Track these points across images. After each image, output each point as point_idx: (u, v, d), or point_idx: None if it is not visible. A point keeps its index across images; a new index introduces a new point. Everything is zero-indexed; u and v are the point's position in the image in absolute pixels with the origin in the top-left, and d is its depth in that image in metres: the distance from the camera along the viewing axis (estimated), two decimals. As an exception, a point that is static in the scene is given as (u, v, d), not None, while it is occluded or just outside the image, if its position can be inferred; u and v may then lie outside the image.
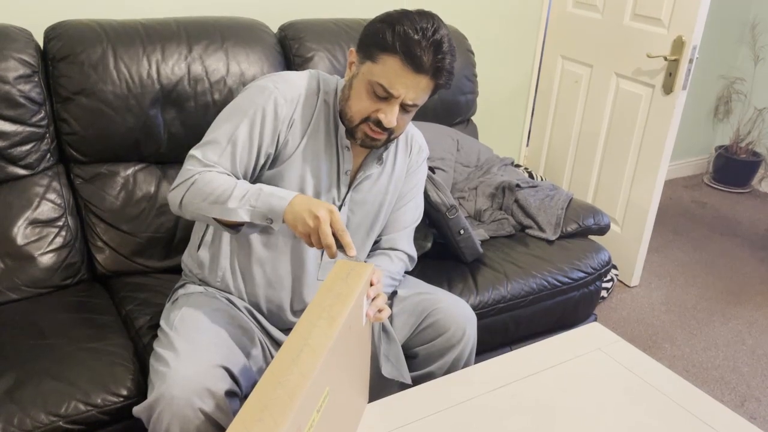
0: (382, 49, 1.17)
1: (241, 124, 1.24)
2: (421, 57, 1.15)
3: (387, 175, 1.40)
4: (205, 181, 1.17)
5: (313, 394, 0.86)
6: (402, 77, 1.17)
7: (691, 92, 3.26)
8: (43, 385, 1.26)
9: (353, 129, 1.26)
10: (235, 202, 1.13)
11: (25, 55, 1.59)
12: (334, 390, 0.96)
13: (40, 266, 1.60)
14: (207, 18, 1.85)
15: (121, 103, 1.66)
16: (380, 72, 1.18)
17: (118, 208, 1.70)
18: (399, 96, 1.18)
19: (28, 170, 1.63)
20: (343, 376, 1.01)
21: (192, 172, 1.21)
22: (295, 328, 0.95)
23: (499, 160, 2.28)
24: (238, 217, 1.12)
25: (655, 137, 2.44)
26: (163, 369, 1.13)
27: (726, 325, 2.46)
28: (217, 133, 1.25)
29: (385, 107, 1.20)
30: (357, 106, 1.23)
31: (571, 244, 2.00)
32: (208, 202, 1.15)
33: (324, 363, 0.89)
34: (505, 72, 2.81)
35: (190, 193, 1.18)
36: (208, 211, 1.16)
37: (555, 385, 1.28)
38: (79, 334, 1.41)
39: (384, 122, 1.21)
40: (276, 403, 0.81)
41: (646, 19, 2.41)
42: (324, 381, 0.90)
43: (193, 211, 1.19)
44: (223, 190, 1.15)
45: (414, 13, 1.19)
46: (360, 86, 1.22)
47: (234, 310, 1.31)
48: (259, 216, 1.12)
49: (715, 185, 3.77)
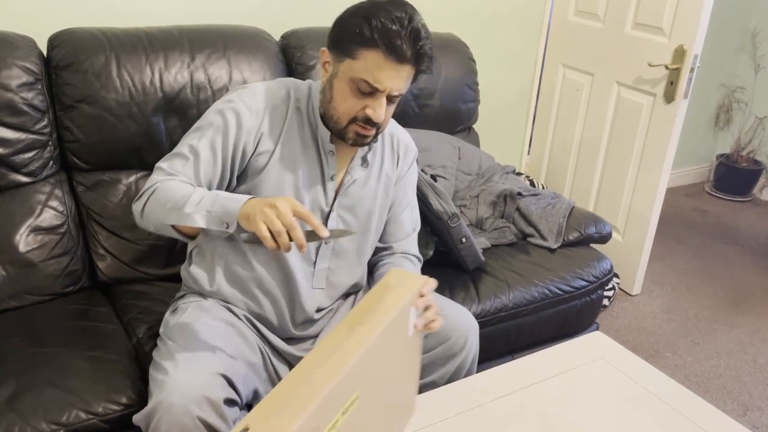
0: (362, 45, 1.15)
1: (203, 136, 1.24)
2: (402, 47, 1.14)
3: (375, 178, 1.38)
4: (166, 188, 1.16)
5: (338, 395, 0.87)
6: (385, 70, 1.15)
7: (692, 101, 3.26)
8: (43, 393, 1.26)
9: (342, 130, 1.24)
10: (191, 207, 1.10)
11: (29, 63, 1.59)
12: (367, 395, 0.96)
13: (42, 274, 1.60)
14: (210, 26, 1.86)
15: (124, 111, 1.66)
16: (362, 68, 1.16)
17: (120, 215, 1.70)
18: (385, 89, 1.17)
19: (30, 178, 1.63)
20: (379, 383, 1.00)
21: (154, 181, 1.19)
22: (332, 332, 0.96)
23: (500, 168, 2.28)
24: (194, 222, 1.09)
25: (657, 146, 2.45)
26: (161, 377, 1.12)
27: (728, 334, 2.46)
28: (182, 146, 1.25)
29: (372, 102, 1.19)
30: (343, 106, 1.21)
31: (572, 252, 2.00)
32: (167, 208, 1.13)
33: (354, 366, 0.90)
34: (506, 80, 2.82)
35: (152, 201, 1.16)
36: (166, 218, 1.13)
37: (557, 394, 1.27)
38: (80, 342, 1.41)
39: (373, 117, 1.19)
40: (297, 398, 0.82)
41: (647, 27, 2.42)
42: (353, 384, 0.91)
43: (155, 221, 1.16)
44: (181, 196, 1.13)
45: (385, 3, 1.16)
46: (342, 85, 1.20)
47: (234, 318, 1.31)
48: (215, 220, 1.08)
49: (716, 194, 3.77)
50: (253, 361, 1.25)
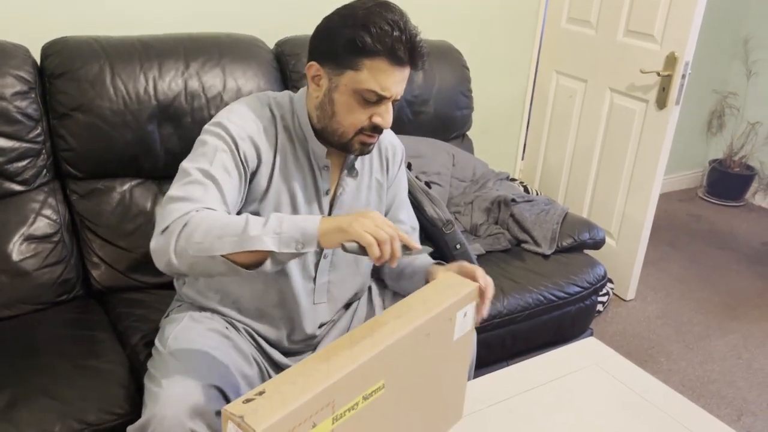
0: (364, 55, 1.12)
1: (213, 160, 1.14)
2: (401, 50, 1.12)
3: (366, 185, 1.36)
4: (205, 218, 1.03)
5: (359, 378, 0.89)
6: (391, 76, 1.14)
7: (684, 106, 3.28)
8: (37, 403, 1.26)
9: (348, 142, 1.21)
10: (256, 230, 0.99)
11: (23, 72, 1.60)
12: (395, 388, 0.97)
13: (36, 283, 1.60)
14: (204, 34, 1.86)
15: (118, 119, 1.66)
16: (368, 78, 1.13)
17: (114, 223, 1.70)
18: (392, 95, 1.16)
19: (24, 186, 1.63)
20: (413, 380, 1.01)
21: (179, 212, 1.05)
22: (367, 322, 0.98)
23: (494, 175, 2.29)
24: (263, 245, 0.98)
25: (650, 152, 2.46)
26: (155, 389, 1.12)
27: (722, 339, 2.47)
28: (191, 173, 1.13)
29: (379, 110, 1.17)
30: (349, 120, 1.18)
31: (566, 258, 2.01)
32: (215, 236, 1.00)
33: (381, 355, 0.91)
34: (500, 87, 2.83)
35: (187, 234, 1.02)
36: (217, 248, 0.99)
37: (552, 401, 1.28)
38: (74, 352, 1.41)
39: (383, 124, 1.18)
40: (315, 374, 0.85)
41: (639, 35, 2.43)
42: (378, 372, 0.92)
43: (194, 254, 1.01)
44: (233, 221, 1.01)
45: (374, 7, 1.13)
46: (345, 98, 1.16)
47: (230, 330, 1.29)
48: (287, 242, 0.99)
49: (709, 199, 3.79)
50: (248, 373, 1.24)
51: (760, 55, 3.56)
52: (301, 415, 0.81)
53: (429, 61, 1.20)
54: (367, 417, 0.93)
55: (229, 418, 0.79)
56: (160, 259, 1.05)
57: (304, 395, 0.81)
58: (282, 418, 0.78)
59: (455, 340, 1.11)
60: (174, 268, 1.04)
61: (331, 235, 1.00)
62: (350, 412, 0.89)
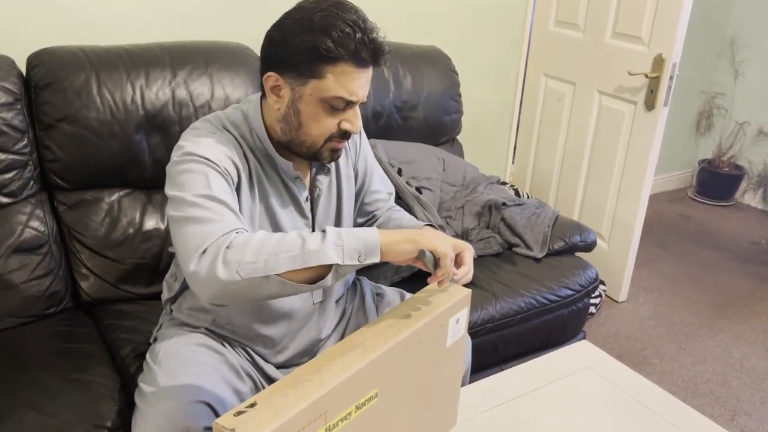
0: (328, 61, 1.06)
1: (208, 183, 1.07)
2: (362, 51, 1.07)
3: (335, 178, 1.32)
4: (246, 238, 0.98)
5: (352, 388, 0.88)
6: (356, 80, 1.09)
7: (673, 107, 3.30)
8: (25, 418, 1.24)
9: (317, 152, 1.16)
10: (315, 244, 0.96)
11: (8, 83, 1.58)
12: (389, 396, 0.96)
13: (23, 295, 1.58)
14: (191, 43, 1.85)
15: (105, 130, 1.65)
16: (334, 85, 1.08)
17: (102, 234, 1.69)
18: (359, 99, 1.12)
19: (10, 198, 1.61)
20: (406, 387, 1.01)
21: (215, 233, 0.99)
22: (359, 330, 0.97)
23: (485, 179, 2.29)
24: (327, 258, 0.96)
25: (639, 153, 2.47)
26: (144, 406, 1.11)
27: (714, 339, 2.47)
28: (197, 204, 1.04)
29: (347, 115, 1.13)
30: (318, 129, 1.13)
31: (558, 261, 2.01)
32: (269, 254, 0.95)
33: (372, 363, 0.90)
34: (489, 91, 2.84)
35: (235, 255, 0.96)
36: (272, 266, 0.95)
37: (545, 405, 1.27)
38: (62, 365, 1.39)
39: (353, 130, 1.13)
40: (306, 384, 0.84)
41: (626, 37, 2.44)
42: (371, 381, 0.92)
43: (246, 276, 0.95)
44: (285, 239, 0.98)
45: (330, 8, 1.07)
46: (312, 108, 1.11)
47: (221, 346, 1.27)
48: (351, 253, 0.97)
49: (699, 199, 3.81)
50: (241, 389, 1.23)
51: (746, 55, 3.58)
52: (293, 427, 0.80)
53: (390, 58, 1.15)
54: (360, 426, 0.92)
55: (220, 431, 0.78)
56: (205, 284, 0.97)
57: (296, 406, 0.80)
58: (274, 431, 0.77)
59: (448, 347, 1.10)
60: (221, 292, 0.97)
61: (399, 245, 1.01)
62: (343, 422, 0.88)
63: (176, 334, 1.28)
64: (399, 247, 1.01)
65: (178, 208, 1.05)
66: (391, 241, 1.01)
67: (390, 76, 2.16)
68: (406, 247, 1.01)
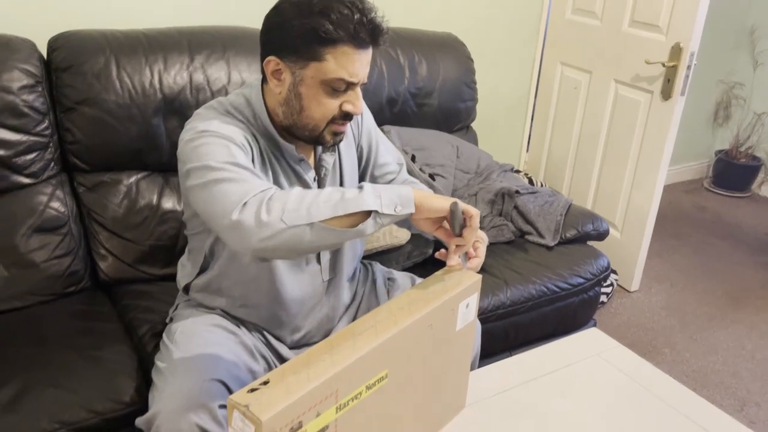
0: (327, 43, 1.07)
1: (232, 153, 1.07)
2: (361, 32, 1.07)
3: (337, 159, 1.33)
4: (285, 191, 1.00)
5: (363, 368, 0.90)
6: (357, 61, 1.09)
7: (690, 97, 3.27)
8: (46, 393, 1.28)
9: (319, 135, 1.17)
10: (352, 194, 0.98)
11: (29, 66, 1.61)
12: (399, 377, 0.99)
13: (44, 274, 1.62)
14: (208, 27, 1.87)
15: (124, 113, 1.68)
16: (334, 67, 1.08)
17: (120, 216, 1.72)
18: (360, 80, 1.12)
19: (32, 179, 1.64)
20: (416, 369, 1.03)
21: (254, 189, 1.00)
22: (370, 313, 0.99)
23: (498, 167, 2.29)
24: (366, 204, 0.98)
25: (654, 143, 2.46)
26: (160, 383, 1.15)
27: (726, 330, 2.47)
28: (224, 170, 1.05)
29: (349, 97, 1.13)
30: (320, 112, 1.13)
31: (570, 250, 2.01)
32: (310, 203, 0.97)
33: (383, 345, 0.92)
34: (504, 79, 2.83)
35: (278, 205, 0.97)
36: (315, 214, 0.96)
37: (554, 391, 1.29)
38: (82, 342, 1.43)
39: (354, 111, 1.14)
40: (319, 364, 0.86)
41: (644, 25, 2.42)
42: (381, 362, 0.93)
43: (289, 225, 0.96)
44: (322, 191, 1.00)
45: None
46: (313, 91, 1.11)
47: (236, 327, 1.30)
48: (388, 204, 0.99)
49: (715, 190, 3.78)
50: (254, 368, 1.25)
51: (766, 45, 3.53)
52: (305, 404, 0.82)
53: (390, 38, 1.15)
54: (370, 406, 0.94)
55: (234, 407, 0.80)
56: (250, 233, 0.97)
57: (308, 384, 0.83)
58: (286, 407, 0.80)
59: (458, 331, 1.12)
60: (264, 242, 0.96)
61: (432, 200, 1.03)
62: (354, 401, 0.90)
63: (192, 314, 1.31)
64: (432, 202, 1.03)
65: (203, 175, 1.05)
66: (425, 196, 1.03)
67: (405, 62, 2.17)
68: (439, 201, 1.03)
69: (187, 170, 1.09)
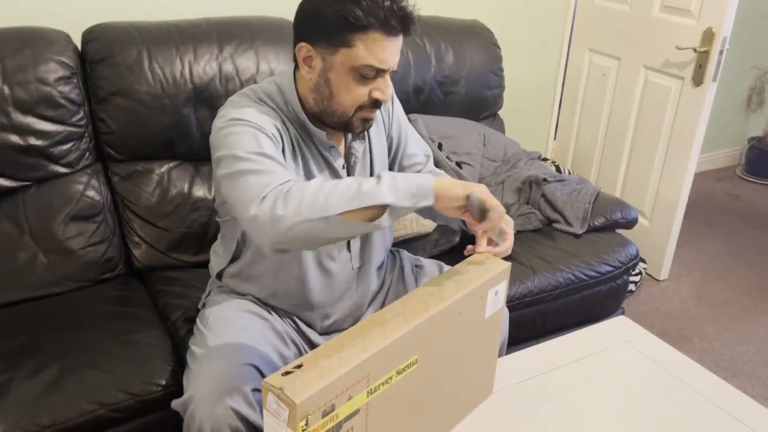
0: (357, 30, 1.08)
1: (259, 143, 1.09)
2: (391, 19, 1.08)
3: (368, 148, 1.34)
4: (303, 184, 1.00)
5: (393, 353, 0.92)
6: (387, 48, 1.10)
7: (722, 83, 3.20)
8: (85, 375, 1.32)
9: (348, 121, 1.18)
10: (370, 185, 0.98)
11: (65, 58, 1.65)
12: (428, 363, 1.00)
13: (81, 261, 1.66)
14: (237, 18, 1.89)
15: (156, 103, 1.71)
16: (364, 53, 1.09)
17: (153, 204, 1.76)
18: (390, 68, 1.13)
19: (68, 168, 1.69)
20: (445, 355, 1.04)
21: (274, 182, 1.02)
22: (400, 299, 1.00)
23: (525, 155, 2.28)
24: (382, 198, 0.97)
25: (685, 130, 2.42)
26: (195, 368, 1.17)
27: (758, 319, 2.43)
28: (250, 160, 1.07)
29: (378, 84, 1.14)
30: (349, 99, 1.15)
31: (598, 238, 2.00)
32: (326, 195, 0.97)
33: (413, 331, 0.94)
34: (531, 66, 2.81)
35: (295, 198, 0.98)
36: (331, 206, 0.96)
37: (582, 378, 1.29)
38: (117, 327, 1.47)
39: (383, 98, 1.15)
40: (350, 348, 0.88)
41: (675, 10, 2.38)
42: (411, 347, 0.95)
43: (307, 217, 0.97)
44: (341, 182, 0.99)
45: None
46: (342, 77, 1.13)
47: (267, 313, 1.32)
48: (405, 195, 0.99)
49: (748, 177, 3.71)
50: (285, 353, 1.28)
51: (803, 29, 3.44)
52: (338, 388, 0.84)
53: (420, 27, 1.16)
54: (400, 391, 0.96)
55: (269, 390, 0.82)
56: (267, 226, 0.98)
57: (340, 368, 0.84)
58: (320, 390, 0.82)
59: (487, 318, 1.13)
60: (281, 235, 0.98)
61: (452, 190, 1.02)
62: (384, 386, 0.92)
63: (224, 300, 1.34)
64: (451, 192, 1.02)
65: (231, 165, 1.07)
66: (444, 186, 1.03)
67: (432, 50, 2.16)
68: (456, 190, 1.02)
69: (218, 158, 1.12)
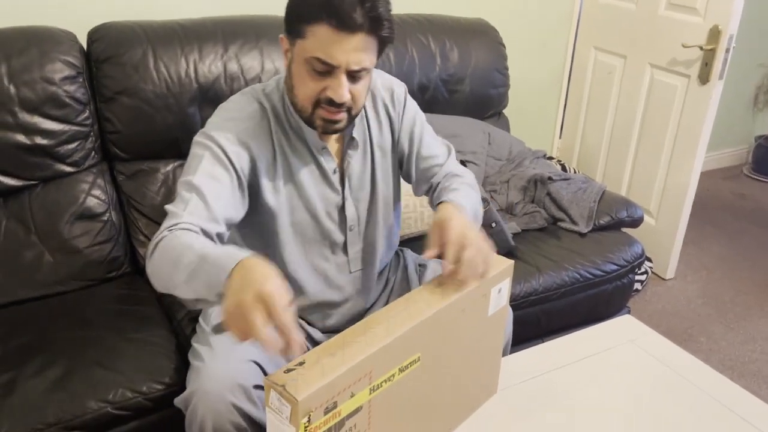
0: (308, 21, 1.05)
1: (197, 169, 1.12)
2: (350, 14, 1.02)
3: (369, 155, 1.31)
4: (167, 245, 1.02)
5: (396, 351, 0.92)
6: (337, 43, 1.04)
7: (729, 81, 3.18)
8: (91, 373, 1.33)
9: (309, 118, 1.15)
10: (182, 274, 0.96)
11: (71, 57, 1.65)
12: (430, 361, 1.00)
13: (86, 260, 1.67)
14: (242, 17, 1.89)
15: (161, 102, 1.71)
16: (312, 45, 1.06)
17: (158, 203, 1.76)
18: (340, 64, 1.06)
19: (74, 168, 1.70)
20: (448, 354, 1.04)
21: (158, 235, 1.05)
22: (403, 297, 1.01)
23: (531, 153, 2.28)
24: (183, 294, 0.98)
25: (691, 128, 2.41)
26: (197, 364, 1.17)
27: (765, 319, 2.42)
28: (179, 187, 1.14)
29: (331, 82, 1.09)
30: (303, 92, 1.12)
31: (603, 237, 2.00)
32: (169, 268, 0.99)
33: (416, 328, 0.94)
34: (537, 64, 2.80)
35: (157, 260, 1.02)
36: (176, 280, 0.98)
37: (586, 377, 1.29)
38: (124, 326, 1.48)
39: (335, 98, 1.09)
40: (353, 346, 0.88)
41: (681, 8, 2.37)
42: (413, 346, 0.95)
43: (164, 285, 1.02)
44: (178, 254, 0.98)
45: None
46: (298, 69, 1.11)
47: None
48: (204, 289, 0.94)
49: (755, 176, 3.69)
50: None
51: (810, 27, 3.42)
52: (340, 385, 0.84)
53: (394, 28, 1.10)
54: (403, 388, 0.96)
55: (271, 387, 0.82)
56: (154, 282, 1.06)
57: (343, 366, 0.84)
58: (322, 388, 0.82)
59: (490, 316, 1.13)
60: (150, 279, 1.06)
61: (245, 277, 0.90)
62: (387, 383, 0.92)
63: None
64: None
65: (179, 185, 1.14)
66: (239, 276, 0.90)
67: (437, 49, 2.16)
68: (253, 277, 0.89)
69: None
